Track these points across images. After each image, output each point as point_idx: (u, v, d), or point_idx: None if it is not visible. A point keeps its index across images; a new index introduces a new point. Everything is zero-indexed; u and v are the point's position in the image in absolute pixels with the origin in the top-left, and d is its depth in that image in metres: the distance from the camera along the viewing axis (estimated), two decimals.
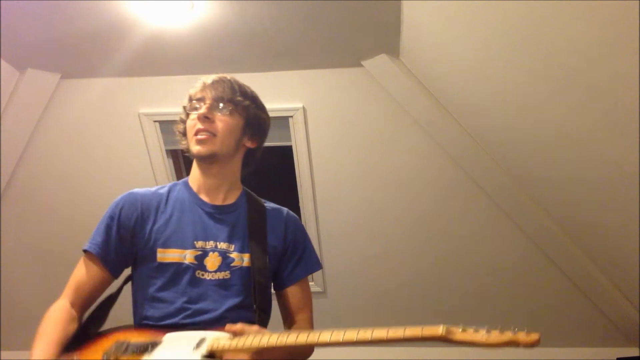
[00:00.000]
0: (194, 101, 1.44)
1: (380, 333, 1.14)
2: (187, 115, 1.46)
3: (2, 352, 3.72)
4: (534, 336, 1.03)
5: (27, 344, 1.26)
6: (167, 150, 3.22)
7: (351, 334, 1.14)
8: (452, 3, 2.09)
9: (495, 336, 1.05)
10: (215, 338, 1.23)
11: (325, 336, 1.14)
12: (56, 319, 1.34)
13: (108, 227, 1.42)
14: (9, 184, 3.23)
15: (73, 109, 3.02)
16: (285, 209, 1.57)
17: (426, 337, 1.12)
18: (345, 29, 2.53)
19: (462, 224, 3.28)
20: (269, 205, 1.56)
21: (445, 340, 1.10)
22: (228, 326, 1.24)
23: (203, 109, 1.40)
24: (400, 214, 3.29)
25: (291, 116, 2.99)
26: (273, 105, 3.04)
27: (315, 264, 1.56)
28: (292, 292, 1.51)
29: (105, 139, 3.15)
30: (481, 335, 1.06)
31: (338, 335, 1.13)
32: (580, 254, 3.12)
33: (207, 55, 2.69)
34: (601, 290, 3.22)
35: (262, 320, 1.38)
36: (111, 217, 1.43)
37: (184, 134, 1.47)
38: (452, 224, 3.29)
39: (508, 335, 1.04)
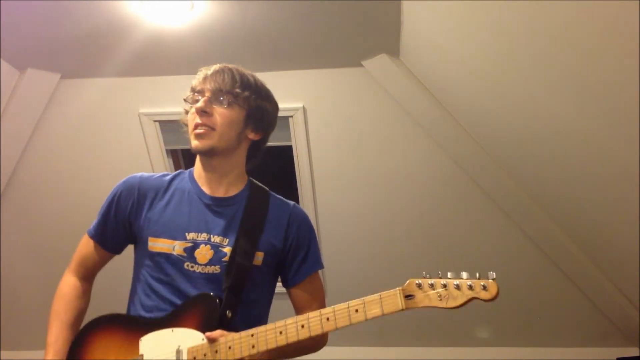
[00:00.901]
0: (194, 93, 1.42)
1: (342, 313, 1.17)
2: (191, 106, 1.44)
3: (2, 352, 3.72)
4: (493, 290, 1.07)
5: (27, 344, 1.29)
6: (167, 150, 3.22)
7: (316, 324, 1.18)
8: (451, 3, 2.09)
9: (453, 300, 1.10)
10: (191, 349, 1.26)
11: (292, 334, 1.19)
12: (67, 299, 1.43)
13: (106, 212, 1.46)
14: (9, 184, 3.23)
15: (73, 109, 3.02)
16: (291, 204, 1.52)
17: (387, 312, 1.15)
18: (345, 29, 2.53)
19: (461, 223, 3.28)
20: (276, 198, 1.51)
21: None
22: (207, 334, 1.25)
23: (201, 102, 1.37)
24: (400, 213, 3.29)
25: (291, 116, 3.00)
26: None
27: (317, 263, 1.51)
28: (298, 291, 1.48)
29: (105, 139, 3.15)
30: (440, 301, 1.12)
31: (304, 332, 1.19)
32: (580, 253, 3.12)
33: (207, 55, 2.68)
34: (601, 290, 3.22)
35: (230, 318, 1.33)
36: (110, 203, 1.46)
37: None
38: (452, 223, 3.29)
39: (466, 297, 1.09)
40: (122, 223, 1.44)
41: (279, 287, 1.53)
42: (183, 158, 3.43)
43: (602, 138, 2.06)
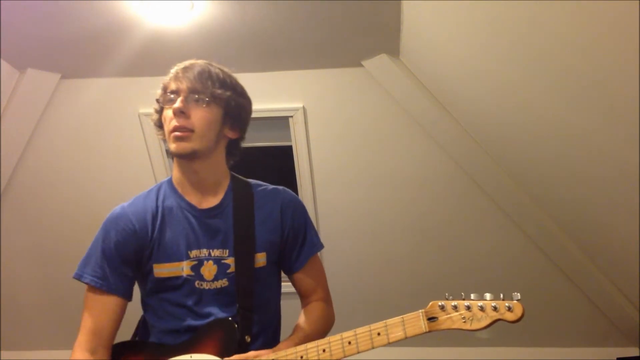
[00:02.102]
0: (167, 93, 1.35)
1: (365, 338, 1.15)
2: (162, 107, 1.36)
3: (2, 352, 3.72)
4: (518, 311, 1.06)
5: (27, 344, 1.25)
6: (167, 150, 3.21)
7: (337, 349, 1.17)
8: (451, 3, 2.09)
9: (477, 322, 1.07)
10: None
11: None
12: None
13: (113, 259, 1.34)
14: (9, 184, 3.23)
15: (73, 109, 3.02)
16: (280, 190, 1.47)
17: (410, 335, 1.13)
18: (345, 29, 2.53)
19: (461, 223, 3.28)
20: (262, 188, 1.46)
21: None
22: None
23: (178, 103, 1.30)
24: (400, 213, 3.29)
25: (291, 116, 2.99)
26: (273, 105, 3.06)
27: (316, 245, 1.48)
28: (301, 277, 1.47)
29: (105, 139, 3.15)
30: (465, 323, 1.08)
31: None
32: (580, 253, 3.12)
33: (207, 55, 2.65)
34: (601, 290, 3.22)
35: (249, 343, 1.32)
36: (111, 248, 1.34)
37: (160, 126, 1.38)
38: (452, 223, 3.29)
39: (490, 318, 1.06)
40: (127, 261, 1.34)
41: (289, 287, 1.53)
42: None
43: (602, 138, 2.06)
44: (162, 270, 1.34)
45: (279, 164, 3.26)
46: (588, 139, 2.14)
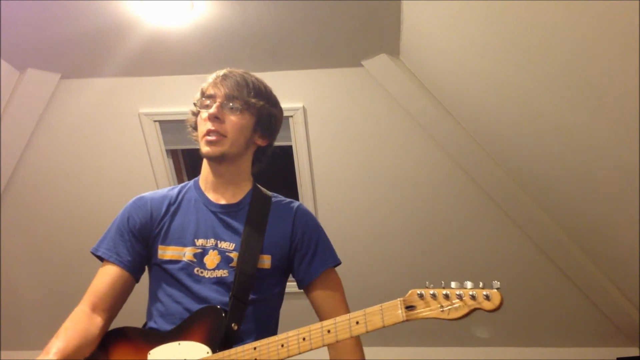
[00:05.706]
0: (204, 97, 1.42)
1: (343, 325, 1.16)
2: (198, 110, 1.44)
3: (2, 352, 3.72)
4: (496, 300, 1.03)
5: (27, 344, 1.25)
6: (167, 150, 3.22)
7: (317, 337, 1.17)
8: (452, 3, 2.09)
9: (455, 311, 1.06)
10: None
11: (294, 347, 1.18)
12: (75, 320, 1.33)
13: (124, 233, 1.42)
14: (9, 184, 3.23)
15: (73, 109, 3.02)
16: (296, 204, 1.53)
17: (388, 324, 1.12)
18: (345, 29, 2.53)
19: (461, 223, 3.28)
20: (279, 200, 1.52)
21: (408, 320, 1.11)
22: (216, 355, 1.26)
23: (213, 109, 1.38)
24: (400, 213, 3.29)
25: (291, 116, 3.00)
26: None
27: (327, 260, 1.49)
28: (312, 290, 1.46)
29: (105, 139, 3.15)
30: (442, 312, 1.08)
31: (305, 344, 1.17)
32: (581, 253, 3.12)
33: (207, 55, 2.69)
34: (601, 290, 3.22)
35: (236, 331, 1.33)
36: (125, 223, 1.43)
37: (195, 127, 1.46)
38: (452, 223, 3.29)
39: (468, 307, 1.06)
40: (140, 241, 1.42)
41: (289, 287, 1.52)
42: (183, 158, 3.43)
43: (602, 136, 2.06)
44: (165, 252, 1.40)
45: (279, 164, 3.26)
46: (588, 138, 2.14)
